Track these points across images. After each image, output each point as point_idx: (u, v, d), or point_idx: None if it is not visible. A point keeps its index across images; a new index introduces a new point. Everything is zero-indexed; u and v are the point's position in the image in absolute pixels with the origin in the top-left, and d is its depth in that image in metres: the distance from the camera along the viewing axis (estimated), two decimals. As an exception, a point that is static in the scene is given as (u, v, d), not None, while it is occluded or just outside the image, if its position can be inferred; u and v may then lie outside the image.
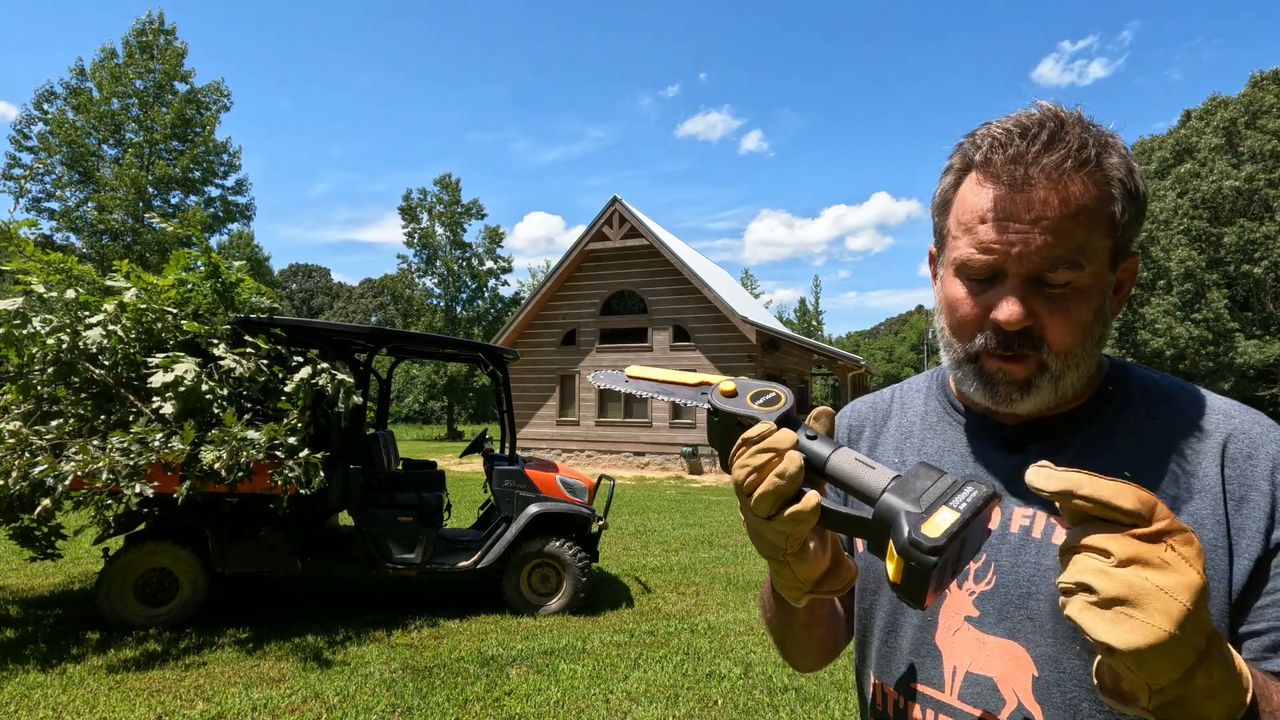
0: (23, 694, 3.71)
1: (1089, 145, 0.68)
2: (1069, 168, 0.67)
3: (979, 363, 0.74)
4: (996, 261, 0.70)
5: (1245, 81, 27.11)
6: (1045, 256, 0.68)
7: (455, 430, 38.81)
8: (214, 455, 4.23)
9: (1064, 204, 0.67)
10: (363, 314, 68.53)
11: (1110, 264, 0.71)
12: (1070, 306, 0.70)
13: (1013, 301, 0.69)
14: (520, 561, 5.41)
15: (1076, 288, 0.69)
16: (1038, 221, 0.68)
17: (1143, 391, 0.77)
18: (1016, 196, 0.68)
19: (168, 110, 26.18)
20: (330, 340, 5.33)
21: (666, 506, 11.80)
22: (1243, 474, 0.68)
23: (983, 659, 0.74)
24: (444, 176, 37.88)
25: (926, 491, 0.56)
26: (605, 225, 19.14)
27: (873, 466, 0.60)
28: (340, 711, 3.62)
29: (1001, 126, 0.71)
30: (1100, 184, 0.68)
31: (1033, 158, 0.68)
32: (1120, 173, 0.69)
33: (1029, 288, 0.70)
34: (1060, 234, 0.67)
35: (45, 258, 5.10)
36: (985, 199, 0.71)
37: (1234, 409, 0.73)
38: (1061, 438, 0.77)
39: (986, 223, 0.70)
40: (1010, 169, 0.69)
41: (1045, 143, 0.68)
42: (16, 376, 4.57)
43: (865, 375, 23.39)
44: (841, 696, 3.97)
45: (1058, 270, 0.68)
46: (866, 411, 0.97)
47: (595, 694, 3.93)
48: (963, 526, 0.52)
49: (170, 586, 4.89)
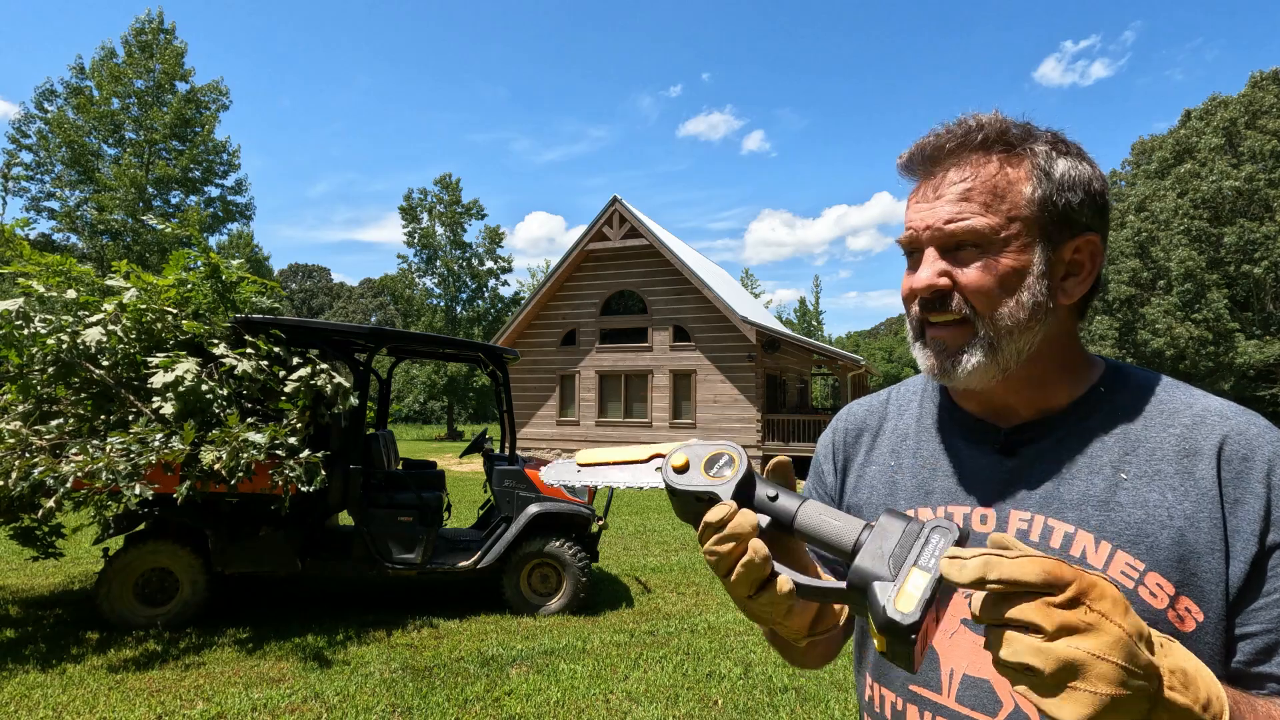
0: (23, 694, 3.72)
1: (981, 132, 0.75)
2: (966, 150, 0.75)
3: (924, 336, 0.79)
4: (914, 237, 0.77)
5: (1246, 82, 27.12)
6: (946, 219, 0.74)
7: (455, 430, 38.81)
8: (214, 455, 4.23)
9: (962, 179, 0.75)
10: (363, 314, 68.52)
11: (1041, 237, 0.74)
12: (982, 265, 0.74)
13: (924, 266, 0.76)
14: (520, 561, 5.41)
15: (987, 252, 0.74)
16: (940, 196, 0.75)
17: (1137, 392, 0.77)
18: (925, 182, 0.78)
19: (167, 110, 26.18)
20: (330, 340, 5.33)
21: (666, 506, 11.80)
22: (1238, 475, 0.68)
23: (980, 661, 0.74)
24: (444, 176, 37.88)
25: (895, 550, 0.56)
26: (605, 225, 19.14)
27: (837, 519, 0.61)
28: (340, 711, 3.62)
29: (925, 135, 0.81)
30: (1006, 164, 0.75)
31: (941, 144, 0.77)
32: (1037, 157, 0.75)
33: (941, 256, 0.75)
34: (960, 201, 0.74)
35: (44, 259, 5.10)
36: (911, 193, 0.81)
37: (1230, 410, 0.73)
38: (1052, 439, 0.77)
39: (908, 208, 0.80)
40: (918, 161, 0.79)
41: (941, 135, 0.78)
42: (16, 376, 4.56)
43: (865, 375, 23.38)
44: (842, 697, 3.97)
45: (959, 229, 0.73)
46: (863, 415, 0.97)
47: (595, 694, 3.93)
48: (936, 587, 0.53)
49: (170, 586, 4.89)
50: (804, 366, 24.51)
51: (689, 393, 18.43)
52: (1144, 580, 0.67)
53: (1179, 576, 0.67)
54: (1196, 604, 0.67)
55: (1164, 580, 0.67)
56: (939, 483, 0.83)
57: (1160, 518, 0.69)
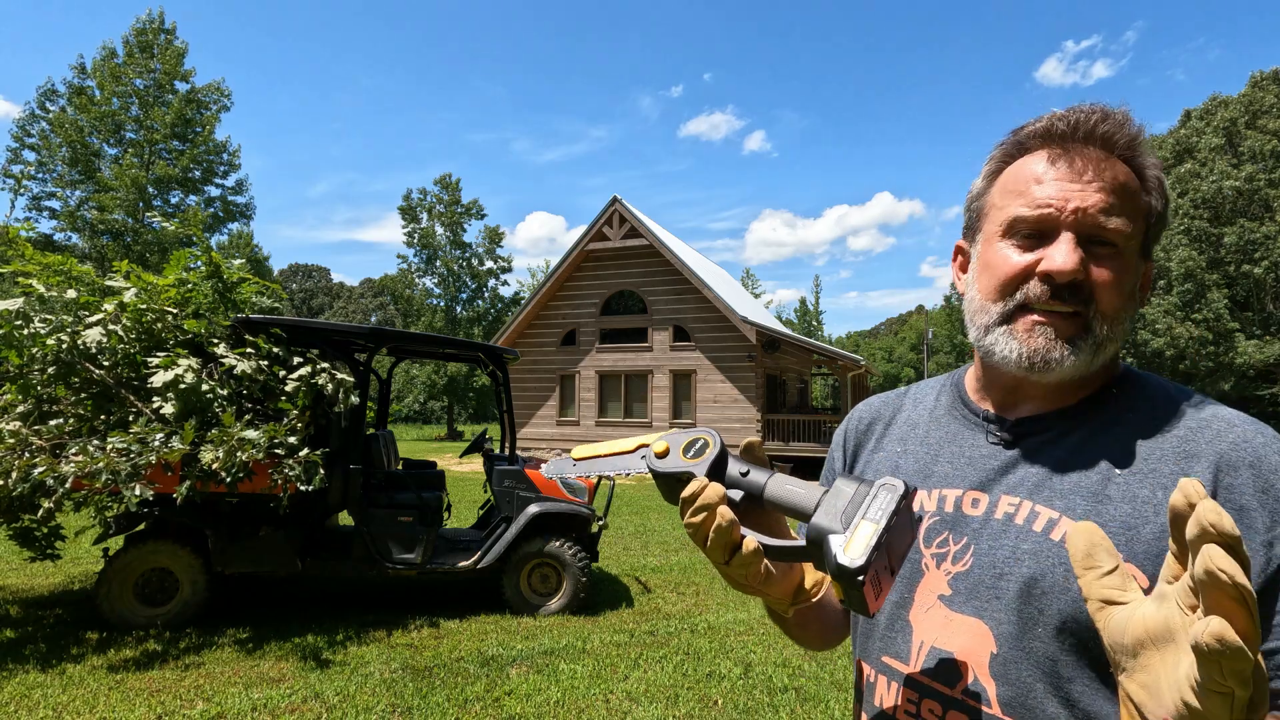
0: (23, 694, 3.71)
1: (1133, 134, 0.74)
2: (1120, 141, 0.74)
3: (1014, 320, 0.75)
4: (1051, 215, 0.72)
5: (1246, 82, 27.12)
6: (1101, 209, 0.71)
7: (455, 430, 38.80)
8: (213, 455, 4.23)
9: (1115, 175, 0.73)
10: (363, 314, 68.52)
11: (1141, 252, 0.75)
12: (1117, 267, 0.72)
13: (1066, 250, 0.71)
14: (520, 561, 5.41)
15: (1121, 251, 0.73)
16: (1094, 181, 0.72)
17: (1147, 396, 0.77)
18: (1074, 159, 0.73)
19: (168, 110, 26.18)
20: (330, 340, 5.32)
21: (666, 506, 11.79)
22: (1242, 484, 0.67)
23: (947, 635, 0.76)
24: (444, 176, 37.87)
25: (845, 508, 0.61)
26: (605, 225, 19.14)
27: (801, 488, 0.66)
28: (340, 711, 3.62)
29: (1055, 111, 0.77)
30: (1139, 172, 0.74)
31: (1093, 125, 0.74)
32: (1155, 171, 0.75)
33: (1080, 244, 0.72)
34: (1114, 193, 0.72)
35: (44, 259, 5.10)
36: (1039, 164, 0.75)
37: (1237, 419, 0.72)
38: (1056, 432, 0.78)
39: (1042, 182, 0.74)
40: (1069, 134, 0.74)
41: (1101, 117, 0.74)
42: (16, 376, 4.56)
43: (865, 375, 23.38)
44: (842, 697, 3.97)
45: (1112, 225, 0.71)
46: (879, 406, 0.99)
47: (595, 694, 3.93)
48: (883, 535, 0.58)
49: (170, 586, 4.89)
50: (804, 366, 24.51)
51: (689, 393, 18.43)
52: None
53: (1153, 570, 0.66)
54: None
55: (1138, 573, 0.66)
56: (939, 467, 0.84)
57: (1145, 513, 0.69)
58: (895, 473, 0.88)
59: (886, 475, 0.88)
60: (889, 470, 0.89)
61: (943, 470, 0.84)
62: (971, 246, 0.85)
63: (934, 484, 0.83)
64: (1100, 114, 0.74)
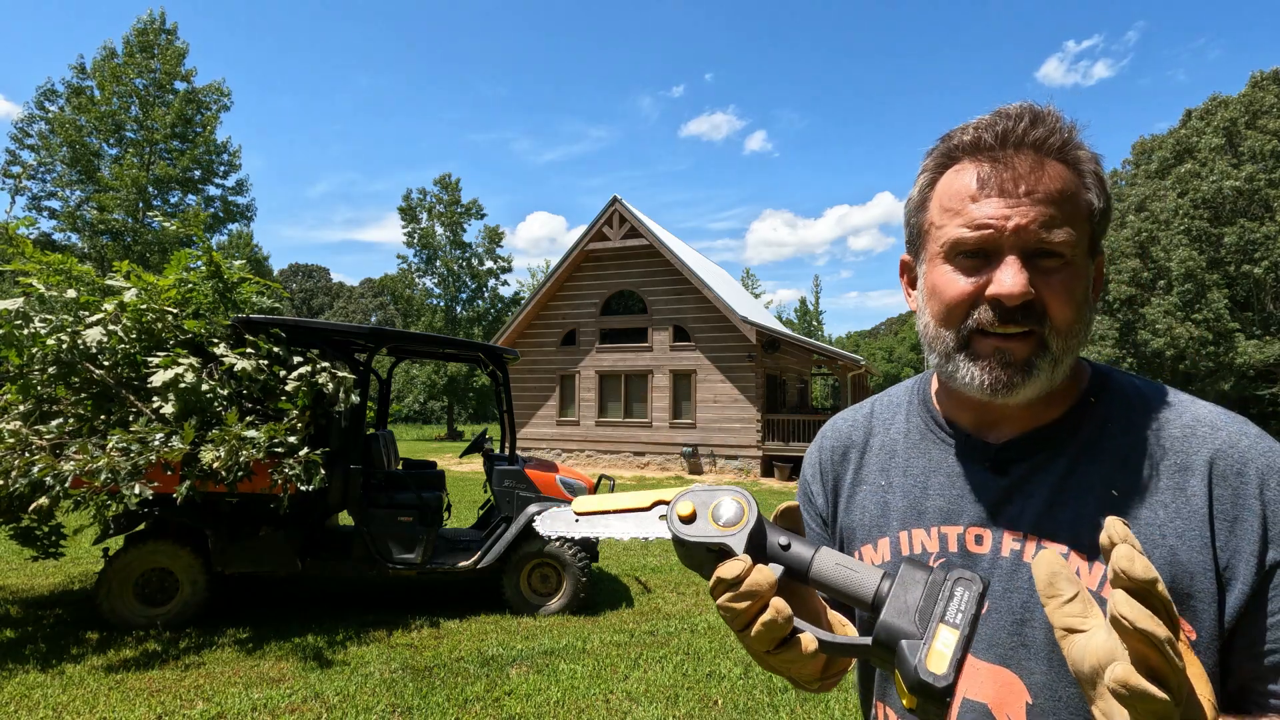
0: (23, 694, 3.71)
1: (1062, 132, 0.70)
2: (1054, 144, 0.70)
3: (972, 347, 0.72)
4: (992, 236, 0.69)
5: (1246, 82, 27.12)
6: (1041, 225, 0.67)
7: (455, 430, 38.80)
8: (214, 455, 4.23)
9: (1050, 179, 0.68)
10: (363, 314, 68.51)
11: (1088, 252, 0.72)
12: (1067, 279, 0.69)
13: (1012, 273, 0.67)
14: (520, 561, 5.41)
15: (1069, 262, 0.69)
16: (1030, 193, 0.68)
17: (1125, 402, 0.76)
18: (1005, 172, 0.69)
19: (168, 110, 26.18)
20: (330, 340, 5.32)
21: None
22: (1234, 493, 0.66)
23: (977, 685, 0.73)
24: (444, 176, 37.87)
25: (920, 604, 0.54)
26: (605, 225, 19.13)
27: (855, 569, 0.59)
28: (340, 711, 3.62)
29: (980, 119, 0.73)
30: (1075, 169, 0.70)
31: (1021, 132, 0.69)
32: (1091, 165, 0.71)
33: (1025, 262, 0.69)
34: (1053, 204, 0.68)
35: (45, 258, 5.10)
36: (971, 179, 0.71)
37: (1220, 419, 0.71)
38: (1044, 455, 0.75)
39: (978, 200, 0.70)
40: (997, 146, 0.70)
41: (1029, 122, 0.70)
42: (16, 376, 4.56)
43: (865, 375, 23.37)
44: (842, 697, 3.97)
45: (1054, 238, 0.68)
46: (847, 431, 0.94)
47: (595, 694, 3.93)
48: (966, 645, 0.52)
49: (170, 586, 4.89)
50: (804, 366, 24.50)
51: (689, 393, 18.43)
52: None
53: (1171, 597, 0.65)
54: (1189, 623, 0.65)
55: None
56: (931, 502, 0.81)
57: (1152, 536, 0.67)
58: (885, 509, 0.84)
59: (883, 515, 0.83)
60: (877, 506, 0.85)
61: (936, 505, 0.80)
62: (917, 264, 0.80)
63: (930, 521, 0.80)
64: (1029, 117, 0.70)
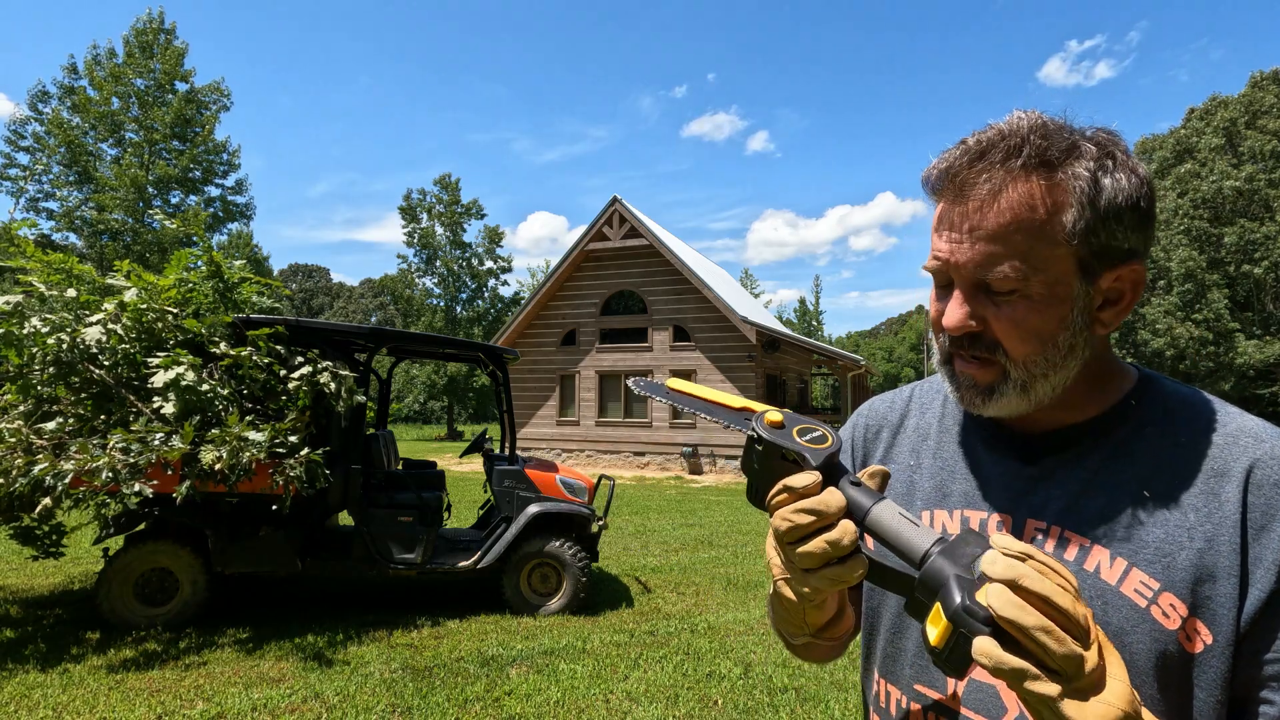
0: (23, 694, 3.71)
1: (1021, 154, 0.67)
2: (1000, 177, 0.67)
3: (951, 364, 0.77)
4: (943, 269, 0.72)
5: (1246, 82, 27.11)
6: (979, 264, 0.68)
7: (455, 430, 38.80)
8: (214, 455, 4.23)
9: (998, 213, 0.67)
10: (363, 314, 68.50)
11: (1079, 272, 0.69)
12: (1018, 313, 0.69)
13: (953, 307, 0.72)
14: (520, 561, 5.41)
15: (1024, 295, 0.68)
16: (972, 230, 0.69)
17: (1168, 408, 0.75)
18: (954, 208, 0.71)
19: (167, 110, 26.17)
20: (330, 340, 5.32)
21: (666, 506, 11.80)
22: (1267, 502, 0.66)
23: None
24: (444, 176, 37.88)
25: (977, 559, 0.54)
26: (605, 225, 19.13)
27: (916, 523, 0.59)
28: (340, 711, 3.62)
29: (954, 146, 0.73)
30: (1044, 190, 0.67)
31: (958, 170, 0.70)
32: (1079, 180, 0.67)
33: (975, 295, 0.71)
34: (996, 240, 0.67)
35: (45, 257, 5.10)
36: (937, 212, 0.74)
37: (1264, 431, 0.70)
38: (1076, 451, 0.75)
39: (938, 232, 0.73)
40: (946, 183, 0.72)
41: (975, 155, 0.69)
42: (16, 376, 4.56)
43: (865, 375, 23.38)
44: (842, 697, 3.97)
45: (995, 277, 0.68)
46: (884, 411, 0.96)
47: (595, 694, 3.93)
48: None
49: (170, 586, 4.88)
50: (804, 366, 24.50)
51: (689, 393, 18.41)
52: (1157, 600, 0.66)
53: (1193, 599, 0.65)
54: (1207, 627, 0.65)
55: (1178, 601, 0.65)
56: (957, 486, 0.82)
57: (1180, 538, 0.67)
58: (911, 488, 0.86)
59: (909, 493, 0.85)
60: (904, 485, 0.87)
61: (961, 490, 0.81)
62: None
63: (954, 504, 0.80)
64: (978, 145, 0.69)
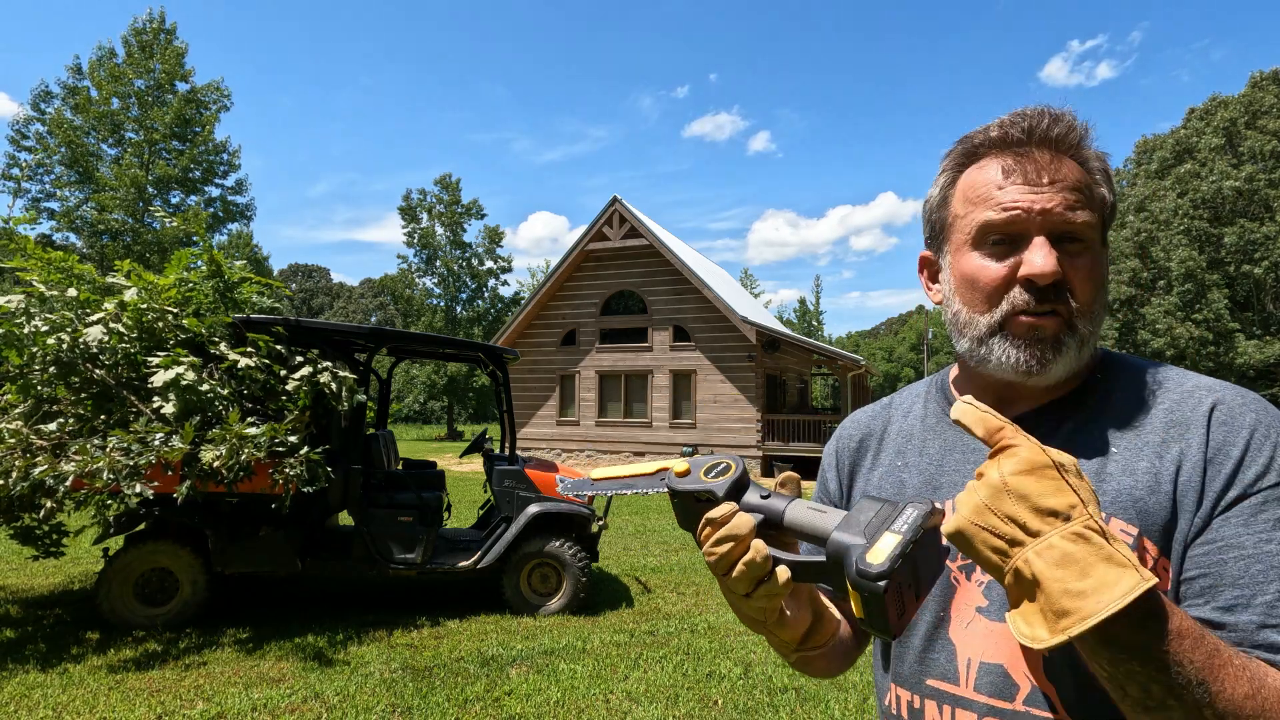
0: (23, 694, 3.71)
1: (1077, 130, 0.76)
2: (1071, 141, 0.76)
3: (1006, 328, 0.75)
4: (1020, 217, 0.74)
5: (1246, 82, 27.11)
6: (1069, 208, 0.73)
7: (455, 430, 38.80)
8: (214, 455, 4.23)
9: (1069, 173, 0.75)
10: (363, 314, 68.51)
11: (1103, 240, 0.78)
12: (1088, 262, 0.74)
13: (1046, 254, 0.72)
14: (520, 561, 5.41)
15: (1088, 247, 0.75)
16: (1054, 182, 0.74)
17: (1130, 375, 0.80)
18: (1029, 163, 0.75)
19: (167, 110, 26.16)
20: (331, 340, 5.32)
21: (666, 506, 11.80)
22: (1218, 439, 0.70)
23: (993, 647, 0.74)
24: (444, 176, 37.87)
25: (869, 522, 0.59)
26: (605, 225, 19.14)
27: (823, 511, 0.64)
28: (340, 711, 3.62)
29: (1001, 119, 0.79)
30: (1087, 165, 0.77)
31: (1045, 129, 0.75)
32: (1099, 163, 0.77)
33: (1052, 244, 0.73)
34: (1075, 191, 0.74)
35: (46, 255, 5.10)
36: (996, 171, 0.77)
37: (1219, 385, 0.75)
38: (1050, 424, 0.78)
39: (1004, 187, 0.75)
40: (1021, 141, 0.76)
41: (1050, 121, 0.76)
42: (16, 376, 4.56)
43: (865, 375, 23.38)
44: (842, 697, 3.97)
45: (1080, 221, 0.73)
46: (866, 422, 0.98)
47: (595, 694, 3.93)
48: (905, 547, 0.55)
49: (170, 586, 4.88)
50: (804, 366, 24.50)
51: (689, 393, 18.43)
52: (1139, 544, 0.69)
53: (1162, 540, 0.69)
54: (1173, 564, 0.68)
55: (1150, 544, 0.69)
56: (946, 478, 0.84)
57: (1148, 483, 0.70)
58: (900, 488, 0.88)
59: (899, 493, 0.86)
60: (893, 485, 0.88)
61: (950, 480, 0.83)
62: (940, 257, 0.85)
63: (944, 495, 0.83)
64: (1050, 117, 0.76)
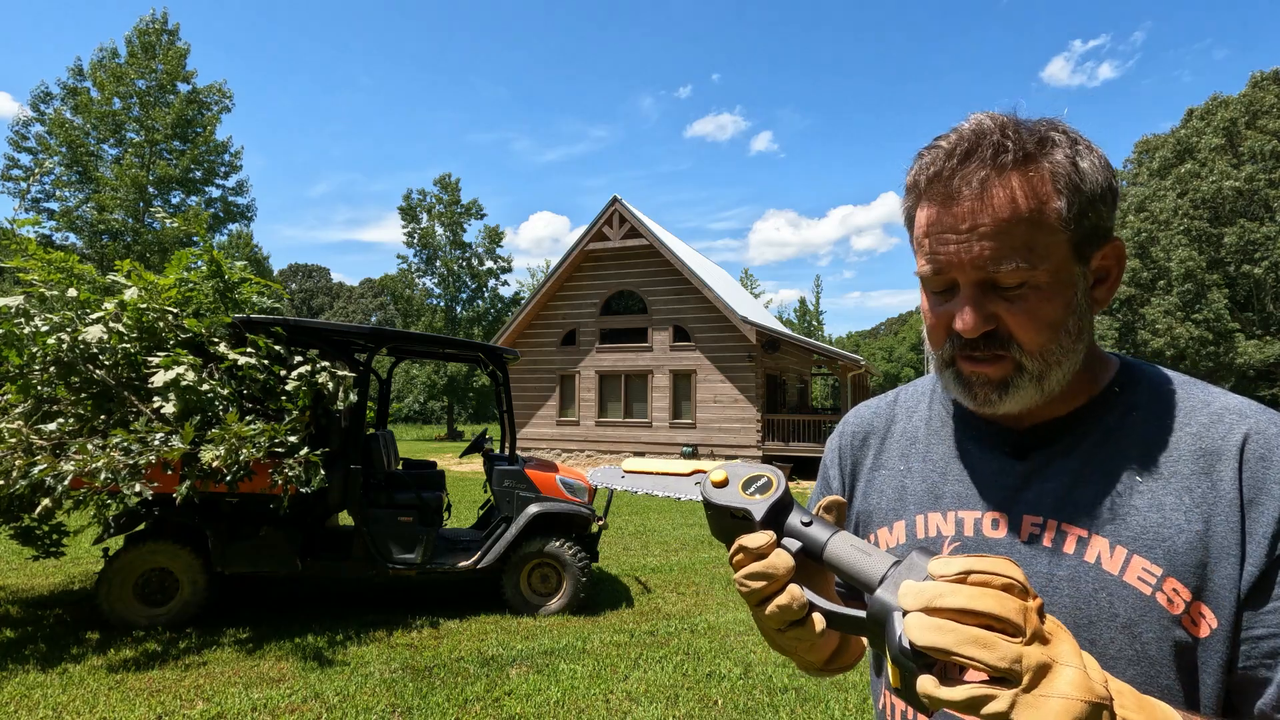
0: (23, 694, 3.71)
1: (1008, 150, 0.68)
2: (990, 174, 0.68)
3: (955, 366, 0.75)
4: (945, 273, 0.71)
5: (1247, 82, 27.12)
6: (986, 261, 0.68)
7: (455, 430, 38.79)
8: (214, 454, 4.23)
9: (995, 209, 0.68)
10: (363, 314, 68.51)
11: (1075, 257, 0.71)
12: (1031, 305, 0.69)
13: (966, 311, 0.70)
14: (520, 561, 5.41)
15: (1034, 286, 0.69)
16: (973, 230, 0.68)
17: (1152, 391, 0.75)
18: (948, 211, 0.70)
19: (169, 110, 26.16)
20: (330, 340, 5.32)
21: (666, 506, 11.80)
22: (1256, 476, 0.66)
23: None
24: (444, 177, 37.86)
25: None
26: (605, 225, 19.14)
27: (869, 554, 0.58)
28: (340, 711, 3.62)
29: (930, 150, 0.74)
30: (1033, 183, 0.68)
31: (949, 172, 0.70)
32: (1061, 168, 0.69)
33: (983, 294, 0.70)
34: (998, 237, 0.67)
35: (46, 255, 5.11)
36: (925, 217, 0.73)
37: (1249, 408, 0.71)
38: (1066, 442, 0.75)
39: (930, 237, 0.72)
40: (936, 187, 0.71)
41: (961, 156, 0.69)
42: (16, 376, 4.56)
43: (865, 375, 23.37)
44: (842, 697, 3.97)
45: (1004, 271, 0.68)
46: (869, 418, 0.96)
47: (595, 694, 3.93)
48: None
49: (170, 586, 4.88)
50: (804, 366, 24.50)
51: (689, 393, 18.43)
52: (1161, 586, 0.66)
53: (1196, 582, 0.65)
54: (1212, 610, 0.65)
55: (1180, 586, 0.65)
56: (949, 487, 0.81)
57: (1177, 521, 0.67)
58: (902, 494, 0.84)
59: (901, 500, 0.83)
60: (895, 492, 0.86)
61: (954, 490, 0.80)
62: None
63: (947, 506, 0.80)
64: (961, 143, 0.70)
